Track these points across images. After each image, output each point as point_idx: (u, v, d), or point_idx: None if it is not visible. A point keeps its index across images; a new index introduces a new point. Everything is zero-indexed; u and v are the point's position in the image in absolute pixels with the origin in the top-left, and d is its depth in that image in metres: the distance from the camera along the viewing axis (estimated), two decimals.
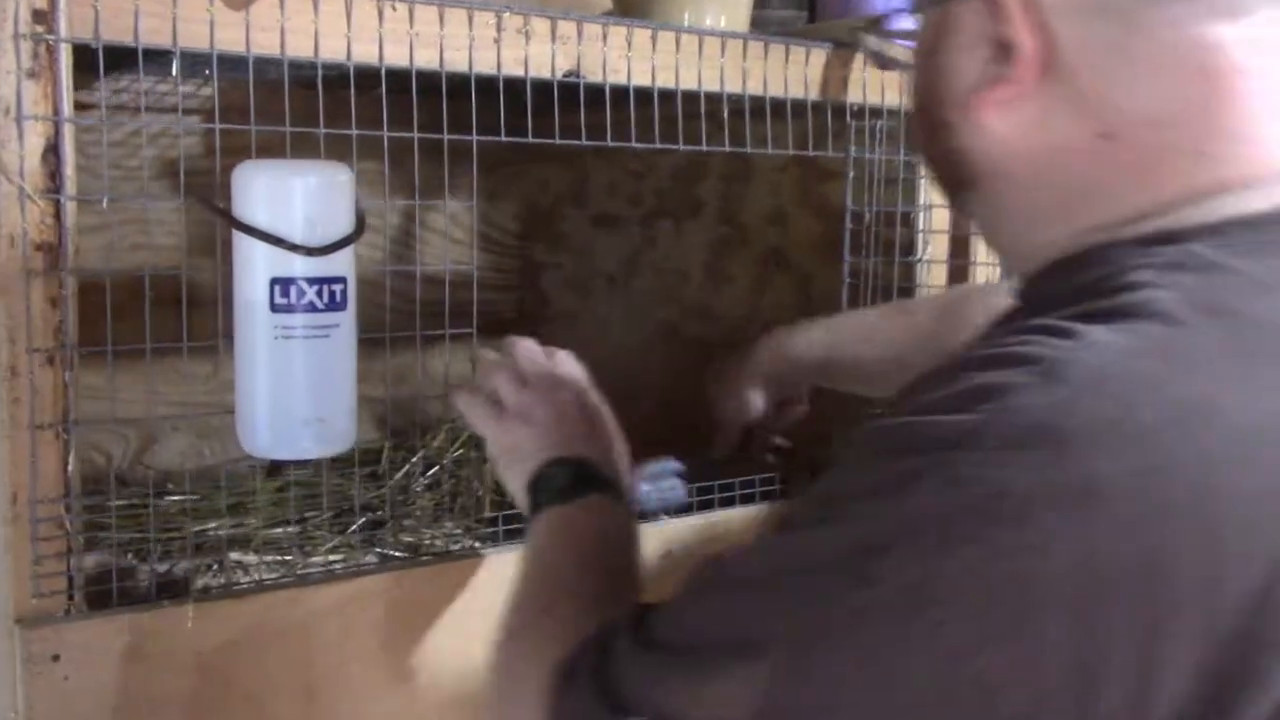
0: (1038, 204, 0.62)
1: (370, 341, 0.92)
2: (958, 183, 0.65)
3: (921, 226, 1.21)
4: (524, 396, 0.89)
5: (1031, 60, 0.58)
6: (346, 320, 0.85)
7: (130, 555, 1.00)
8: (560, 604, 0.75)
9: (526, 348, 0.94)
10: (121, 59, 0.82)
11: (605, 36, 1.00)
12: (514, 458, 0.88)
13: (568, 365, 0.93)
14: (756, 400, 1.19)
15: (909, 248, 1.21)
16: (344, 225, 0.84)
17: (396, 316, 1.03)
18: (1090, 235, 0.59)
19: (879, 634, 0.51)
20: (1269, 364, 0.52)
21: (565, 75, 0.99)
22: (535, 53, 0.97)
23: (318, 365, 0.83)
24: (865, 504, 0.53)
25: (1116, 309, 0.53)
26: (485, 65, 0.94)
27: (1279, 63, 0.57)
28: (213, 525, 1.10)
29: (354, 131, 0.88)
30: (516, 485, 0.87)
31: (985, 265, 1.24)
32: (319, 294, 0.82)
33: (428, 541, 1.05)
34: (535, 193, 1.73)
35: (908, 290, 1.21)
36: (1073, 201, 0.60)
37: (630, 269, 1.61)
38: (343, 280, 0.84)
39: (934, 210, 1.21)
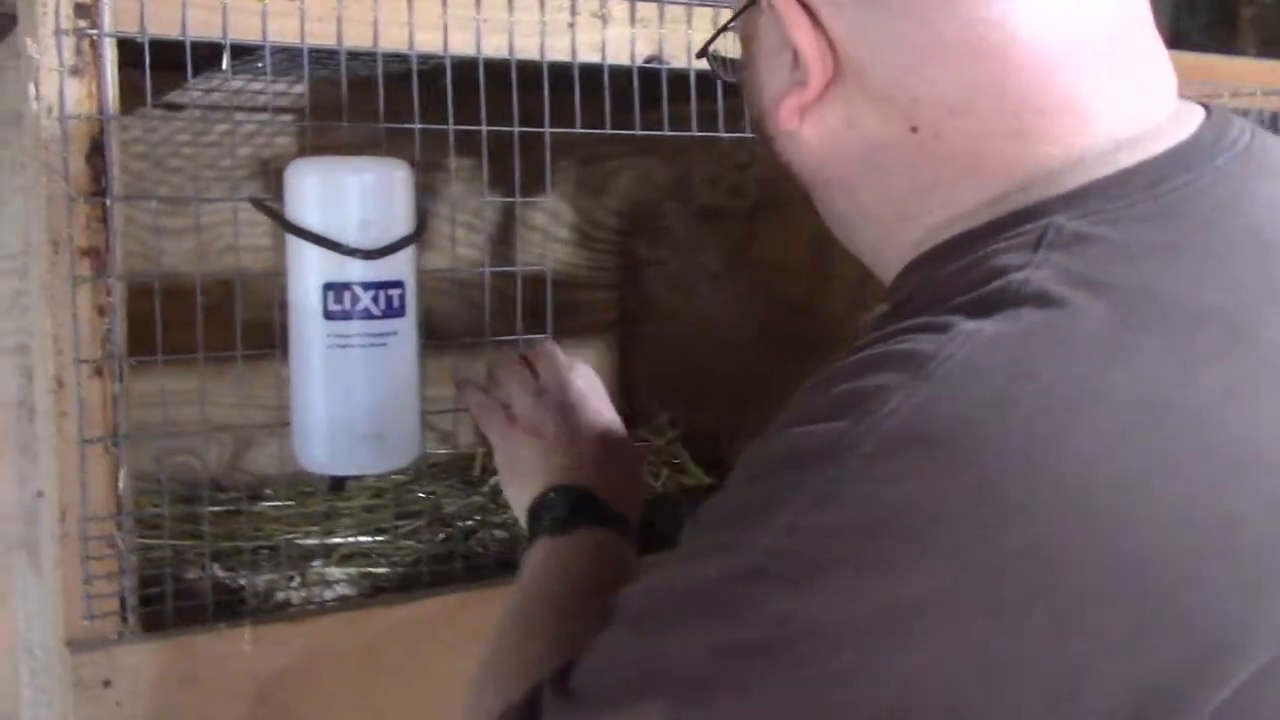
0: (873, 206, 0.60)
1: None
2: (804, 195, 0.64)
3: None
4: (537, 408, 0.83)
5: (816, 62, 0.56)
6: (406, 327, 0.80)
7: (212, 566, 0.96)
8: (530, 643, 0.70)
9: (548, 353, 0.87)
10: (212, 57, 0.79)
11: (690, 19, 0.94)
12: (517, 474, 0.83)
13: (587, 378, 0.87)
14: None
15: None
16: (402, 225, 0.79)
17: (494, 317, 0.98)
18: (945, 229, 0.57)
19: (756, 672, 0.48)
20: (1149, 333, 0.49)
21: (647, 61, 0.92)
22: (613, 37, 0.91)
23: (376, 376, 0.78)
24: (734, 530, 0.50)
25: (991, 297, 0.50)
26: (559, 52, 0.88)
27: (1078, 26, 0.54)
28: (293, 535, 1.06)
29: (416, 125, 0.83)
30: (518, 505, 0.83)
31: None
32: (375, 300, 0.77)
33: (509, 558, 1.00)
34: (636, 187, 1.67)
35: None
36: (910, 199, 0.58)
37: (733, 265, 1.54)
38: (400, 284, 0.78)
39: None
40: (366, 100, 0.84)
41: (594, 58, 0.90)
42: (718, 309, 1.57)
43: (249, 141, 1.40)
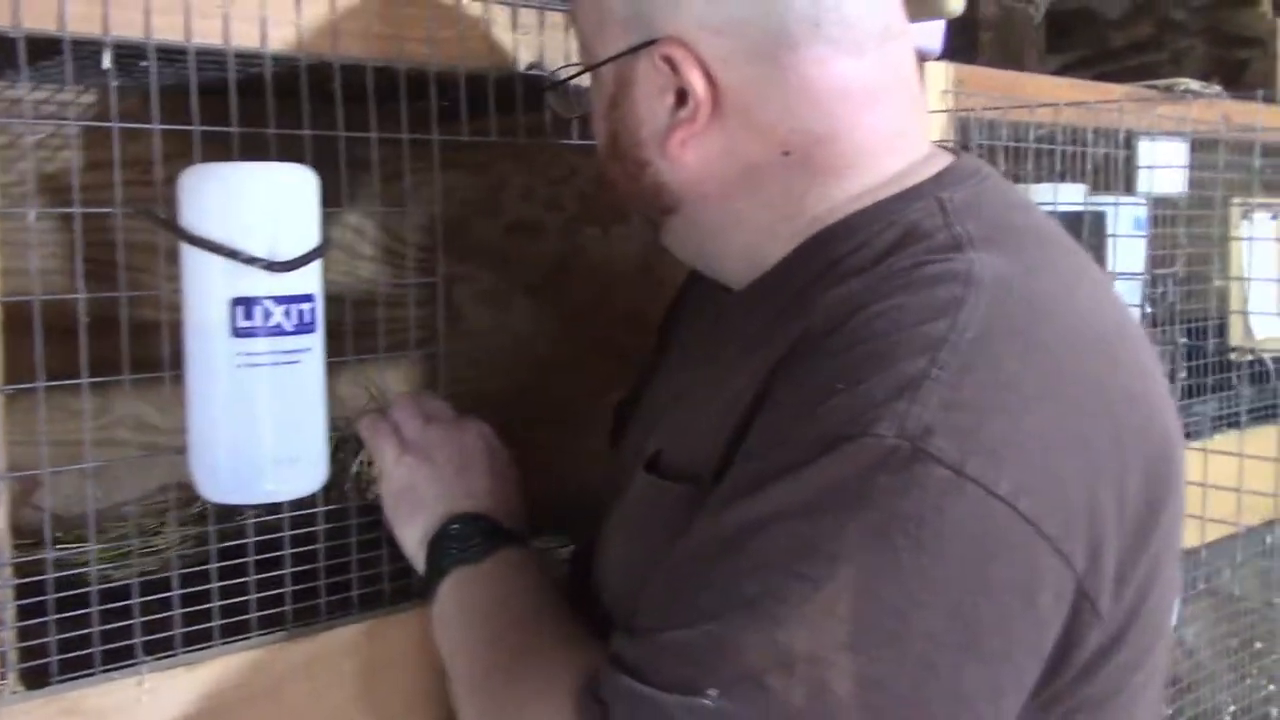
0: (750, 212, 0.74)
1: None
2: (659, 210, 0.76)
3: None
4: (428, 433, 0.87)
5: (704, 103, 0.71)
6: (317, 343, 0.75)
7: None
8: (534, 648, 0.73)
9: (427, 393, 0.95)
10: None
11: (569, 26, 0.92)
12: (410, 503, 0.84)
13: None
14: None
15: None
16: (313, 235, 0.74)
17: None
18: (827, 216, 0.72)
19: (948, 503, 0.57)
20: (1057, 251, 0.71)
21: (528, 69, 0.91)
22: (498, 43, 0.88)
23: (287, 396, 0.73)
24: (894, 405, 0.59)
25: (955, 242, 0.67)
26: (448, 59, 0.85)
27: (895, 81, 0.73)
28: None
29: (307, 132, 0.78)
30: (411, 534, 0.84)
31: None
32: (286, 314, 0.72)
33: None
34: (445, 201, 1.63)
35: None
36: (788, 202, 0.72)
37: (553, 279, 1.52)
38: (311, 298, 0.74)
39: None
40: (173, 109, 0.77)
41: (481, 65, 0.87)
42: (536, 324, 1.55)
43: (29, 155, 1.29)
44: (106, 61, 0.71)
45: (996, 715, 0.59)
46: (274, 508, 0.78)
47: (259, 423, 0.73)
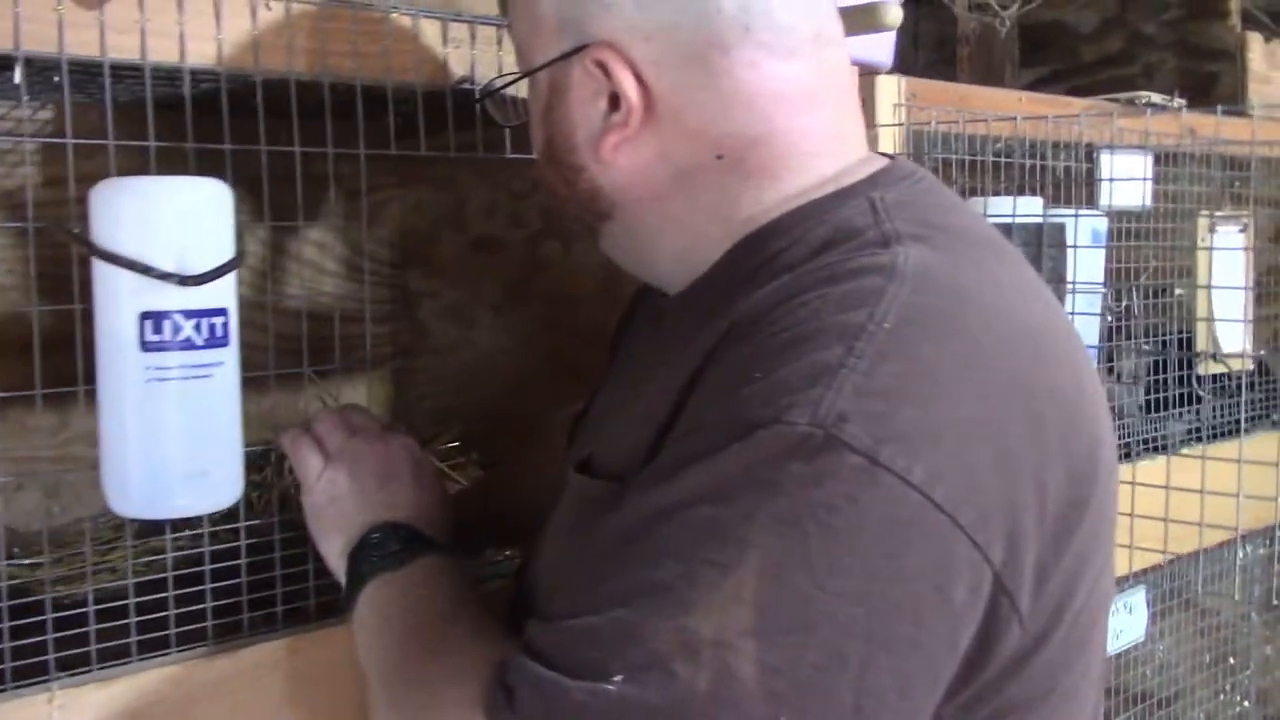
0: (684, 215, 0.74)
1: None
2: (596, 216, 0.76)
3: None
4: (351, 445, 0.87)
5: (636, 107, 0.71)
6: (230, 357, 0.75)
7: None
8: (450, 641, 0.73)
9: (356, 406, 0.94)
10: None
11: (501, 40, 0.92)
12: (333, 514, 0.84)
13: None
14: None
15: None
16: (225, 248, 0.74)
17: (259, 353, 0.93)
18: (761, 217, 0.72)
19: (860, 491, 0.57)
20: (983, 249, 0.71)
21: (459, 82, 0.91)
22: (427, 57, 0.88)
23: (198, 410, 0.73)
24: (807, 392, 0.59)
25: (883, 238, 0.67)
26: (373, 72, 0.85)
27: (830, 86, 0.74)
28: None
29: (228, 146, 0.78)
30: (333, 545, 0.83)
31: None
32: (197, 329, 0.72)
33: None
34: (408, 217, 1.63)
35: None
36: (721, 205, 0.73)
37: (515, 295, 1.52)
38: (224, 312, 0.74)
39: None
40: (129, 124, 0.78)
41: (409, 79, 0.87)
42: (500, 340, 1.55)
43: None
44: (17, 77, 0.70)
45: (905, 707, 0.58)
46: (194, 524, 0.77)
47: (169, 437, 0.73)
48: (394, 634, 0.75)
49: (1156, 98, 1.52)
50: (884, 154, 0.78)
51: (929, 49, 2.30)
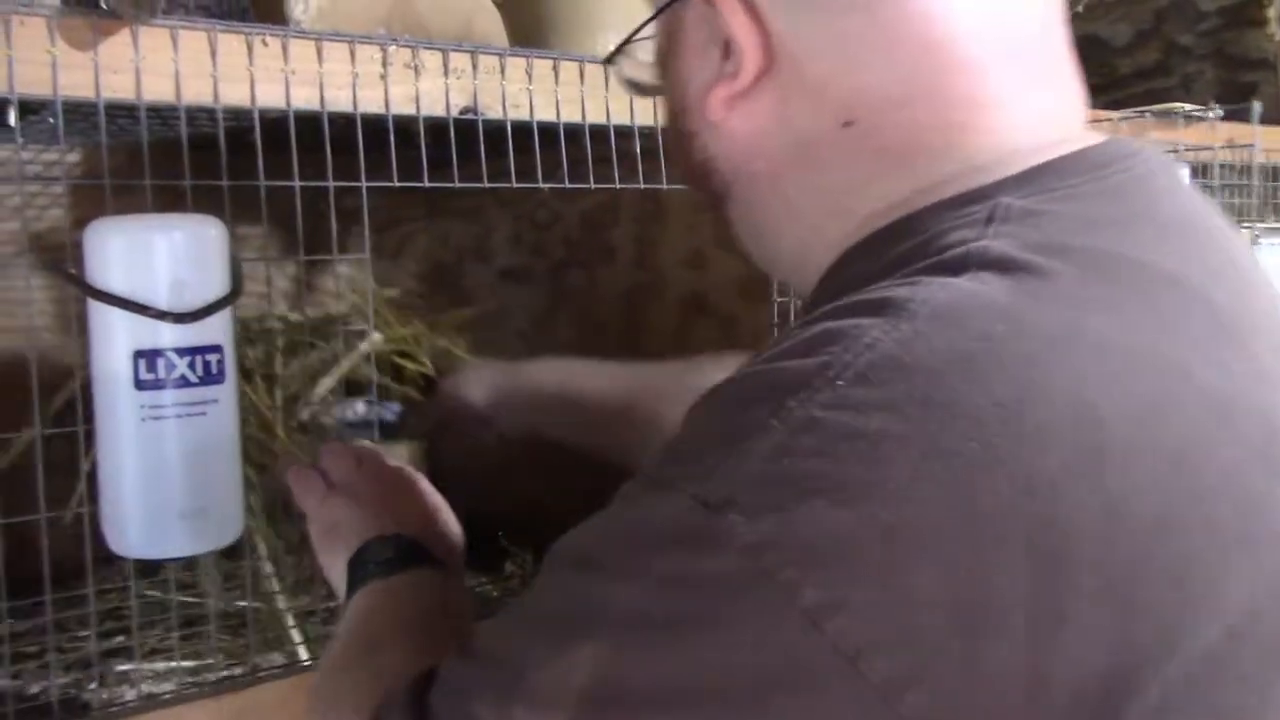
0: (800, 201, 0.59)
1: None
2: (714, 196, 0.63)
3: None
4: (354, 473, 0.84)
5: (752, 54, 0.56)
6: (226, 394, 0.74)
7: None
8: (379, 654, 0.68)
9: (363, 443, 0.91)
10: None
11: (503, 69, 0.92)
12: (334, 537, 0.80)
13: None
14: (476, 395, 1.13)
15: None
16: (218, 286, 0.74)
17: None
18: (880, 217, 0.56)
19: (725, 604, 0.45)
20: (1120, 286, 0.50)
21: (462, 112, 0.90)
22: (427, 89, 0.88)
23: (194, 448, 0.72)
24: (703, 461, 0.47)
25: (953, 261, 0.50)
26: (372, 104, 0.85)
27: (1012, 27, 0.56)
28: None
29: (225, 183, 0.78)
30: (335, 566, 0.79)
31: None
32: (191, 366, 0.71)
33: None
34: (435, 248, 1.64)
35: None
36: (842, 193, 0.58)
37: (541, 324, 1.52)
38: (219, 349, 0.73)
39: None
40: (154, 164, 0.78)
41: (409, 110, 0.87)
42: None
43: (18, 215, 1.31)
44: (11, 119, 0.71)
45: None
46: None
47: (166, 476, 0.72)
48: (349, 636, 0.72)
49: (1190, 108, 1.49)
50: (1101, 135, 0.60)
51: None
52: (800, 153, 0.58)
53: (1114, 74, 1.99)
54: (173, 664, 0.87)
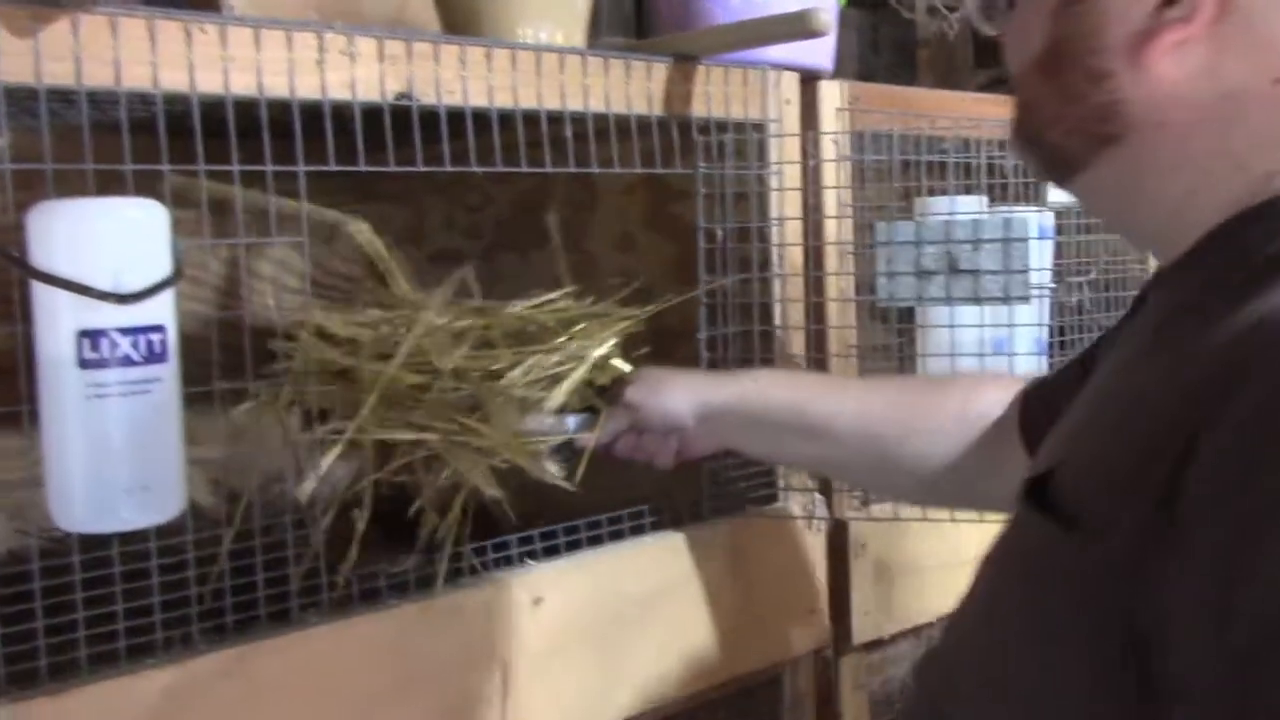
0: (1204, 155, 0.60)
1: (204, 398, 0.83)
2: (1098, 139, 0.62)
3: (775, 240, 1.17)
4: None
5: (1209, 4, 0.57)
6: (169, 373, 0.76)
7: None
8: None
9: None
10: None
11: (437, 55, 0.94)
12: None
13: None
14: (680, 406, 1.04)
15: (765, 263, 1.17)
16: (160, 268, 0.75)
17: (233, 372, 0.94)
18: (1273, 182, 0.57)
19: None
20: None
21: (397, 98, 0.92)
22: (362, 75, 0.90)
23: (138, 426, 0.74)
24: None
25: None
26: (309, 90, 0.87)
27: None
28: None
29: (166, 167, 0.80)
30: None
31: (837, 275, 1.21)
32: (135, 346, 0.73)
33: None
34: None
35: (767, 307, 1.17)
36: (1253, 150, 0.58)
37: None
38: (162, 329, 0.75)
39: (786, 223, 1.18)
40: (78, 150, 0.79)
41: (344, 95, 0.89)
42: None
43: None
44: None
45: None
46: (141, 536, 0.79)
47: (110, 453, 0.74)
48: None
49: None
50: None
51: (889, 53, 2.33)
52: (1224, 105, 0.59)
53: None
54: None
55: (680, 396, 1.04)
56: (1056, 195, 1.44)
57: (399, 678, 0.89)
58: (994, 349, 1.31)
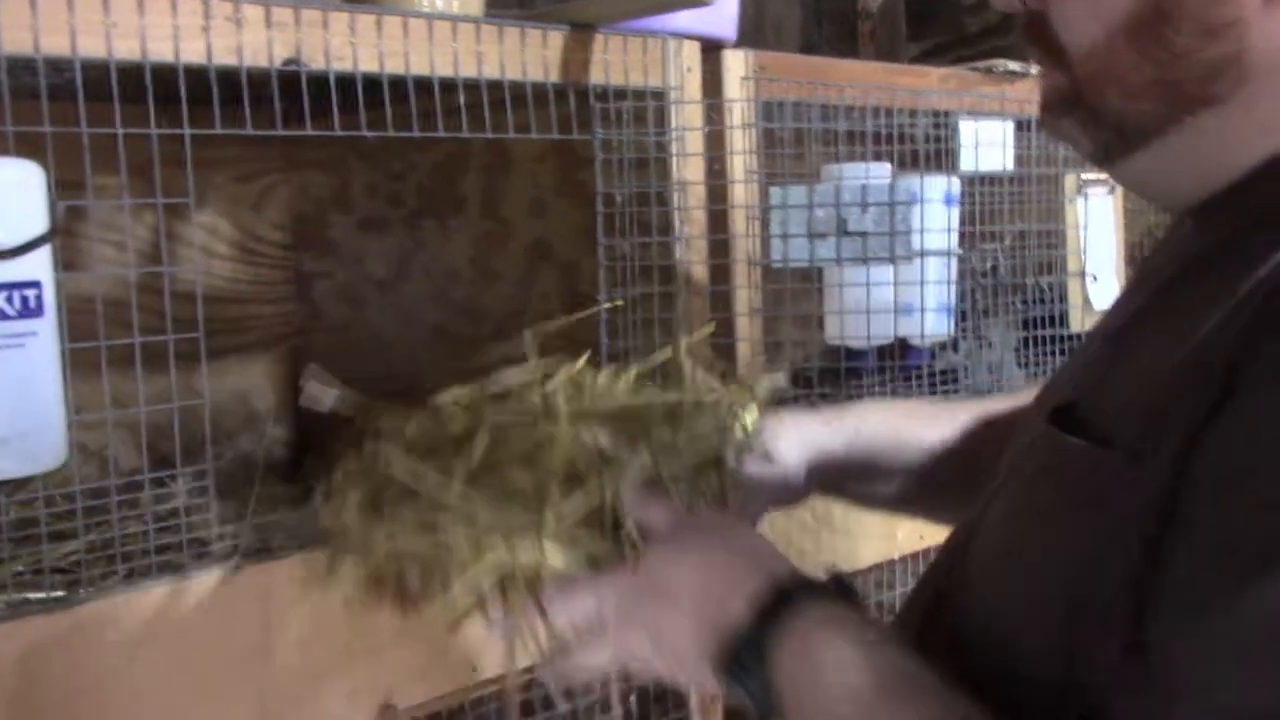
0: None
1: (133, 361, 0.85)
2: (1197, 99, 0.59)
3: (676, 205, 1.20)
4: (637, 579, 0.70)
5: None
6: (46, 327, 0.79)
7: None
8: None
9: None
10: None
11: (326, 22, 0.96)
12: (707, 592, 0.67)
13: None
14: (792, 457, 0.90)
15: (665, 228, 1.20)
16: (36, 224, 0.78)
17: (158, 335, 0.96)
18: None
19: None
20: None
21: (285, 64, 0.94)
22: (250, 40, 0.93)
23: (11, 378, 0.77)
24: None
25: None
26: (194, 55, 0.90)
27: None
28: None
29: (47, 129, 0.82)
30: (711, 644, 0.65)
31: (745, 238, 1.24)
32: (9, 300, 0.76)
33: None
34: (297, 200, 1.67)
35: (667, 270, 1.20)
36: None
37: (399, 273, 1.57)
38: (37, 284, 0.78)
39: (689, 188, 1.21)
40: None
41: (230, 61, 0.91)
42: (387, 317, 1.59)
43: None
44: None
45: None
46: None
47: None
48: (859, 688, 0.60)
49: (1014, 65, 1.58)
50: None
51: (831, 26, 2.36)
52: None
53: (962, 33, 2.08)
54: None
55: (795, 453, 0.90)
56: (967, 163, 1.47)
57: None
58: (904, 310, 1.35)
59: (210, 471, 0.94)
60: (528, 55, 1.08)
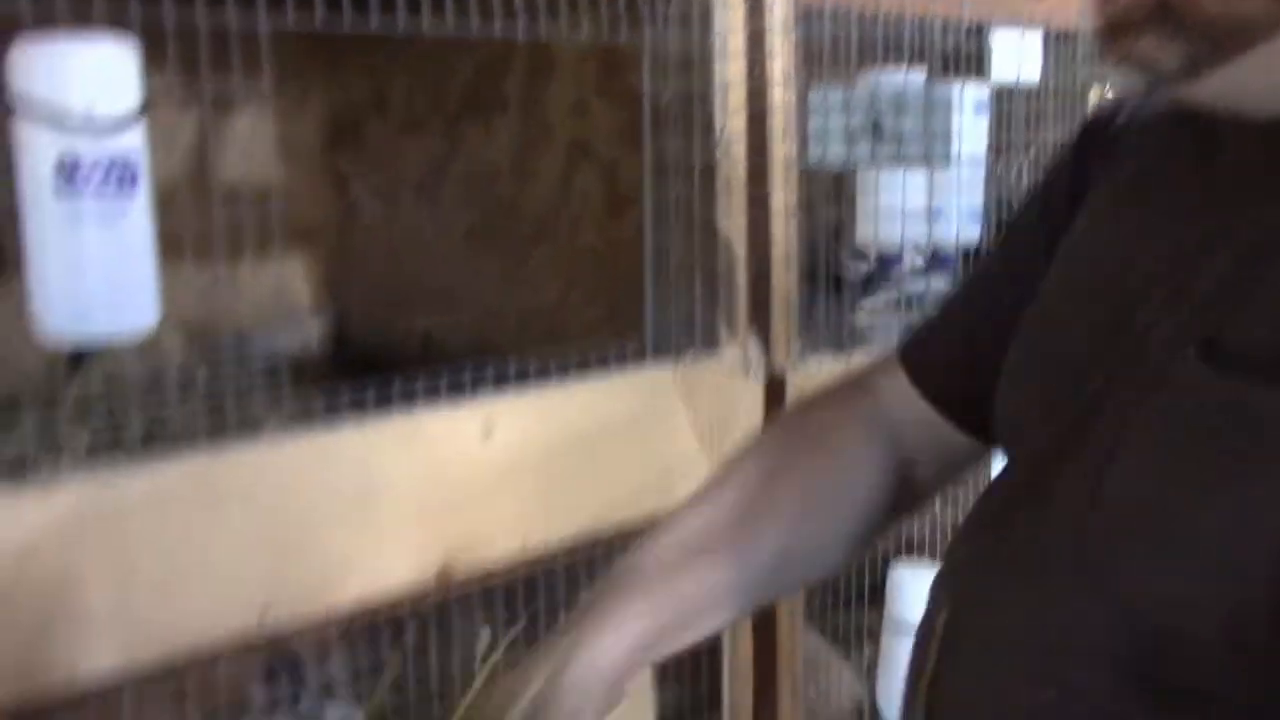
0: None
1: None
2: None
3: (718, 106, 1.23)
4: None
5: None
6: (140, 201, 0.83)
7: None
8: None
9: None
10: None
11: None
12: None
13: None
14: None
15: (707, 128, 1.24)
16: (132, 100, 0.82)
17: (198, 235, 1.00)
18: None
19: None
20: None
21: None
22: None
23: (111, 251, 0.82)
24: None
25: None
26: None
27: None
28: None
29: None
30: None
31: (783, 141, 1.28)
32: (106, 175, 0.80)
33: None
34: (336, 100, 1.71)
35: (707, 171, 1.24)
36: None
37: (435, 175, 1.60)
38: (134, 160, 0.82)
39: (730, 89, 1.24)
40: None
41: None
42: (422, 217, 1.63)
43: None
44: None
45: None
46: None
47: (86, 272, 0.81)
48: None
49: None
50: None
51: None
52: None
53: None
54: None
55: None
56: (998, 73, 1.50)
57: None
58: (936, 216, 1.39)
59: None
60: None
